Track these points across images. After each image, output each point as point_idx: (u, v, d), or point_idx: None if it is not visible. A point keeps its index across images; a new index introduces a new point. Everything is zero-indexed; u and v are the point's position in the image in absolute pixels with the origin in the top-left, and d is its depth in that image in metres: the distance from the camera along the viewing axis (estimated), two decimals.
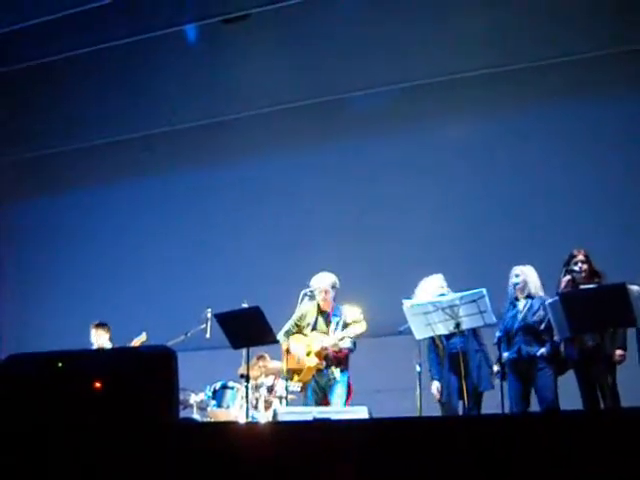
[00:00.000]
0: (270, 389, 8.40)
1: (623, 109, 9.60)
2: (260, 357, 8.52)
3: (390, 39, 10.31)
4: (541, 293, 7.11)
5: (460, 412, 7.07)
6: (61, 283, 11.77)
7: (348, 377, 7.36)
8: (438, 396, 7.21)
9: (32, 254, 12.19)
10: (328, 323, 7.44)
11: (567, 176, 9.62)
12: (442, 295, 7.17)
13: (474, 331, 7.14)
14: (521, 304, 7.14)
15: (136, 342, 8.47)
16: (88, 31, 10.91)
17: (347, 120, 10.77)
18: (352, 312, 7.32)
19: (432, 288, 7.35)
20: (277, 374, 8.33)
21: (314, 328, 7.46)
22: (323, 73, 10.79)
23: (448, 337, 7.15)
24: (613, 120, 9.60)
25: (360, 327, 7.27)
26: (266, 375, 8.51)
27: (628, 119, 9.54)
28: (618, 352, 6.60)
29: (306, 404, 7.33)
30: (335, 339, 7.28)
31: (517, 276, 7.18)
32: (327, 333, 7.41)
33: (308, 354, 7.33)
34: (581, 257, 6.92)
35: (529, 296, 7.14)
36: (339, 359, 7.32)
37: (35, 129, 12.10)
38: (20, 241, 12.43)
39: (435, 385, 7.23)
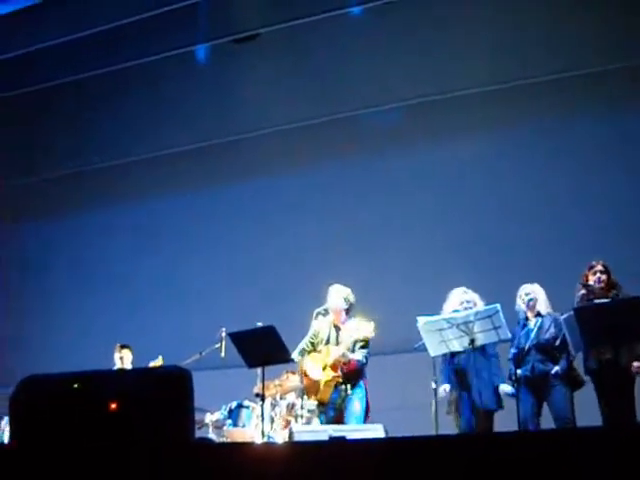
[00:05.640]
0: (291, 407, 8.36)
1: (631, 122, 9.61)
2: (290, 372, 8.46)
3: (399, 57, 10.37)
4: (550, 311, 7.12)
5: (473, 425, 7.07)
6: (75, 304, 11.81)
7: (365, 392, 7.31)
8: (443, 394, 7.14)
9: (46, 275, 12.25)
10: (339, 336, 7.42)
11: (579, 190, 9.63)
12: (456, 311, 7.18)
13: (483, 349, 7.13)
14: (532, 322, 7.14)
15: (152, 365, 8.47)
16: (103, 52, 11.05)
17: (358, 137, 10.81)
18: (363, 328, 7.28)
19: (452, 304, 7.37)
20: (297, 391, 8.29)
21: (327, 342, 7.45)
22: (333, 91, 10.84)
23: (456, 353, 7.16)
24: (622, 133, 9.61)
25: (365, 334, 7.23)
26: (286, 393, 8.47)
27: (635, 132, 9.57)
28: (635, 364, 6.58)
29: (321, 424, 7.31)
30: (342, 349, 7.25)
31: (528, 294, 7.18)
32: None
33: (324, 368, 7.30)
34: (599, 267, 6.92)
35: (539, 314, 7.15)
36: (350, 374, 7.29)
37: (49, 151, 12.23)
38: (36, 262, 12.51)
39: (443, 387, 7.17)
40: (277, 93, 10.95)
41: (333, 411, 7.29)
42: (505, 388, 7.14)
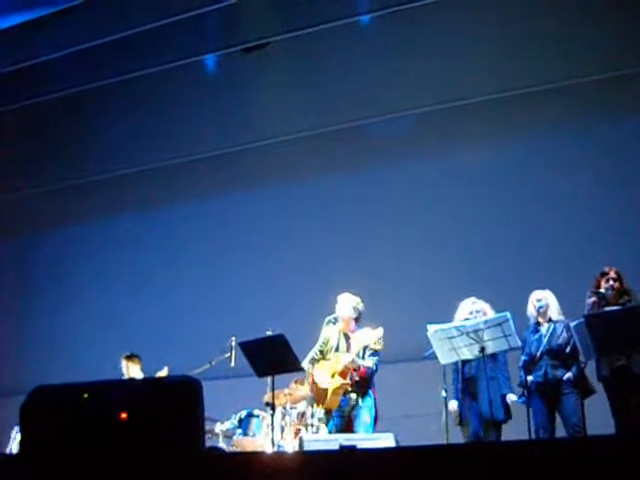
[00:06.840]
0: (301, 416, 8.34)
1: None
2: (298, 381, 8.45)
3: (408, 65, 10.36)
4: (561, 317, 7.11)
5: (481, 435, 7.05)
6: (83, 315, 11.81)
7: (375, 401, 7.29)
8: (454, 414, 7.17)
9: (55, 287, 12.27)
10: (349, 345, 7.42)
11: (590, 200, 9.59)
12: (466, 320, 7.17)
13: (493, 358, 7.11)
14: (544, 328, 7.13)
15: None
16: (110, 63, 11.08)
17: (368, 146, 10.80)
18: (372, 334, 7.28)
19: (462, 314, 7.37)
20: (308, 400, 8.27)
21: (337, 350, 7.45)
22: (342, 99, 10.84)
23: (466, 362, 7.16)
24: (632, 138, 9.59)
25: (374, 341, 7.23)
26: (296, 402, 8.46)
27: None
28: None
29: (330, 432, 7.30)
30: (352, 355, 7.24)
31: (540, 300, 7.18)
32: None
33: (332, 376, 7.30)
34: (612, 275, 6.91)
35: (550, 320, 7.13)
36: (360, 381, 7.27)
37: (58, 161, 12.28)
38: (44, 273, 12.53)
39: (453, 404, 7.20)
40: (286, 102, 10.95)
41: (340, 419, 7.28)
42: (511, 397, 7.13)
